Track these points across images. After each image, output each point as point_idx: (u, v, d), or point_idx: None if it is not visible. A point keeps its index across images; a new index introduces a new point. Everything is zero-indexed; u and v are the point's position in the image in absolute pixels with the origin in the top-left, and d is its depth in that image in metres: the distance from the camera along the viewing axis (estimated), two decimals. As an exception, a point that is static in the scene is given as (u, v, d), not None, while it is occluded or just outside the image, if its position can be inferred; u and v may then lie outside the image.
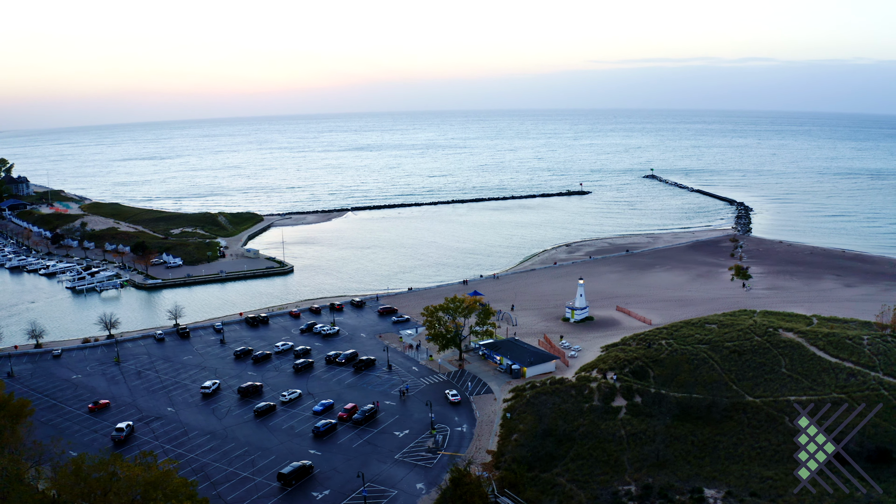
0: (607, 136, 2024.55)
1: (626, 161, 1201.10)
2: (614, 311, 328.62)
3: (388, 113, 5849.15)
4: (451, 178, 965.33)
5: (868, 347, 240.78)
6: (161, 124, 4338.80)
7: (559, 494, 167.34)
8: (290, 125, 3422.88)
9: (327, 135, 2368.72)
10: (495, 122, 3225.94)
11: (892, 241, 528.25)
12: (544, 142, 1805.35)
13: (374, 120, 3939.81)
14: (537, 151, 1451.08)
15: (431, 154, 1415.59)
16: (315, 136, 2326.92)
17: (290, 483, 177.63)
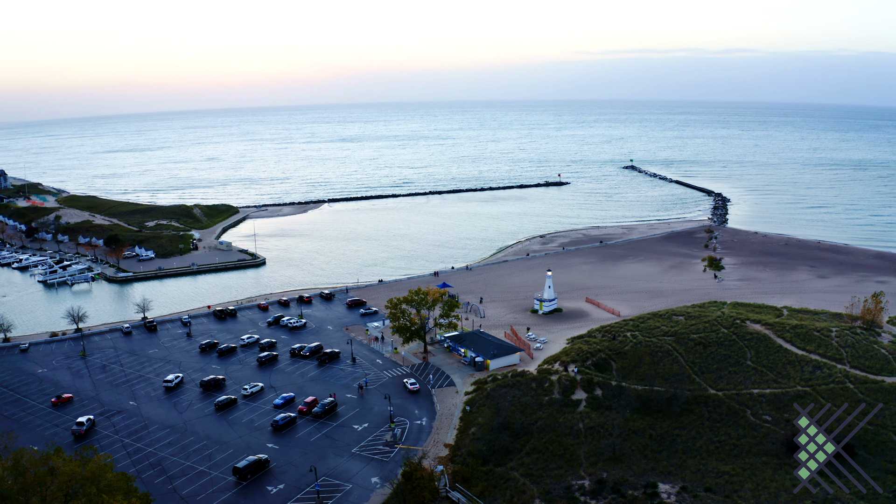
0: (591, 127, 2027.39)
1: (607, 152, 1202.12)
2: (584, 303, 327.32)
3: (374, 104, 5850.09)
4: (430, 169, 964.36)
5: (836, 340, 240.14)
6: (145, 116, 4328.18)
7: (511, 489, 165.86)
8: (275, 116, 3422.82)
9: (310, 126, 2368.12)
10: (480, 113, 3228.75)
11: (870, 232, 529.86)
12: (527, 132, 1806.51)
13: (359, 111, 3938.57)
14: (519, 142, 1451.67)
15: (413, 145, 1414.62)
16: (298, 127, 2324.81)
17: (245, 477, 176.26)
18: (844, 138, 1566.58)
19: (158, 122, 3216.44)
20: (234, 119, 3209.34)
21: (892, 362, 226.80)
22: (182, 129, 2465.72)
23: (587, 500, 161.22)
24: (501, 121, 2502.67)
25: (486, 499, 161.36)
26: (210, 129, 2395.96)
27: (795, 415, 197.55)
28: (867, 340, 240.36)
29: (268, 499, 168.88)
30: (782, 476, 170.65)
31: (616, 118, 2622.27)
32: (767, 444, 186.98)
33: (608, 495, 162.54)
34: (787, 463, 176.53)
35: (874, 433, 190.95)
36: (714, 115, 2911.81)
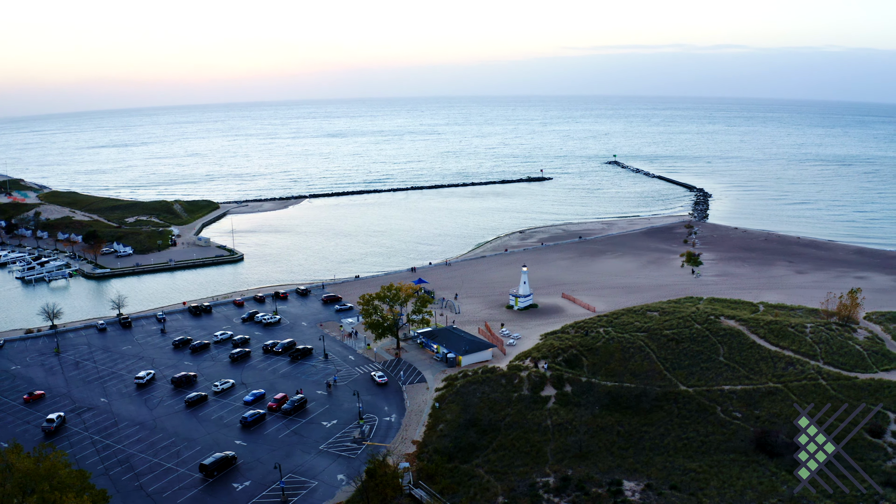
0: (577, 123, 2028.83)
1: (592, 147, 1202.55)
2: (560, 299, 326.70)
3: (361, 99, 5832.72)
4: (414, 164, 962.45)
5: (810, 336, 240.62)
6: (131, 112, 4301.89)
7: (475, 486, 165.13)
8: (261, 112, 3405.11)
9: (298, 121, 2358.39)
10: (466, 109, 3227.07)
11: (852, 228, 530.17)
12: (512, 128, 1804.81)
13: (346, 106, 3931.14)
14: (505, 138, 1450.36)
15: (398, 141, 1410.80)
16: (284, 122, 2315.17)
17: (211, 474, 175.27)
18: (830, 134, 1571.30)
19: (144, 117, 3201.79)
20: (221, 114, 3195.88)
21: (866, 359, 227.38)
22: (168, 124, 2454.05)
23: (551, 498, 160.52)
24: (488, 116, 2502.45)
25: (449, 496, 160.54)
26: (196, 124, 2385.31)
27: (765, 411, 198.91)
28: (842, 337, 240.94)
29: (233, 496, 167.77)
30: (749, 474, 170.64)
31: (603, 114, 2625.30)
32: (736, 441, 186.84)
33: (572, 493, 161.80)
34: (756, 460, 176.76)
35: (846, 431, 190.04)
36: (701, 110, 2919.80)
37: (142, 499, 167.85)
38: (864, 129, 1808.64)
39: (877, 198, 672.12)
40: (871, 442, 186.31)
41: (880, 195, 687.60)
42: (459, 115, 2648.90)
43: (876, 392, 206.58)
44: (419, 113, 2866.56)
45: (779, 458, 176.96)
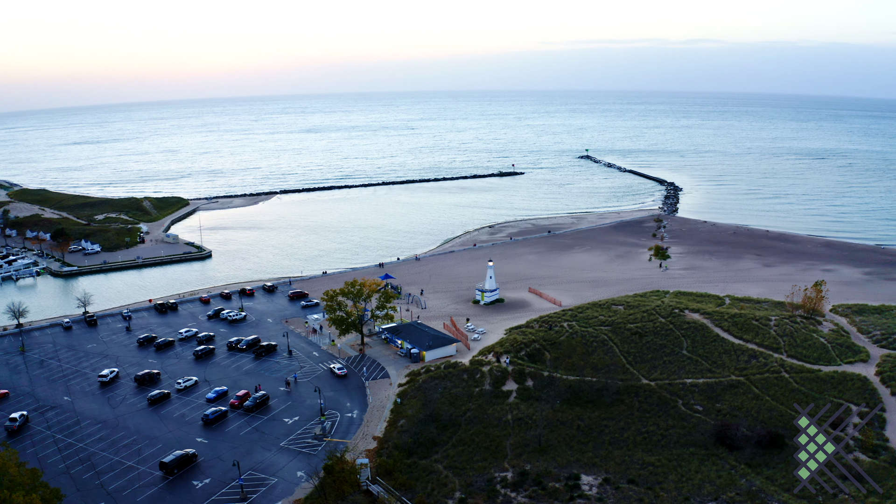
0: (552, 118, 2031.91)
1: (566, 142, 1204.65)
2: (526, 293, 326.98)
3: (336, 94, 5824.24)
4: (387, 160, 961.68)
5: (775, 329, 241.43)
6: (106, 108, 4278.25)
7: (433, 481, 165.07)
8: (237, 107, 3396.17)
9: (272, 117, 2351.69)
10: (442, 104, 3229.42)
11: (823, 222, 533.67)
12: (487, 123, 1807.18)
13: (322, 101, 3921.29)
14: (479, 133, 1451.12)
15: (372, 136, 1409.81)
16: (259, 118, 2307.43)
17: (172, 472, 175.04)
18: (804, 128, 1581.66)
19: (120, 113, 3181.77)
20: (195, 110, 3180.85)
21: (830, 352, 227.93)
22: (142, 120, 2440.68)
23: (507, 493, 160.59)
24: (463, 111, 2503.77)
25: (407, 492, 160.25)
26: (170, 120, 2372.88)
27: (727, 405, 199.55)
28: (807, 329, 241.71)
29: (193, 493, 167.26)
30: (708, 467, 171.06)
31: (577, 108, 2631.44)
32: (697, 434, 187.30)
33: (529, 488, 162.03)
34: (715, 454, 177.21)
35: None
36: (675, 105, 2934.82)
37: (102, 497, 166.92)
38: (837, 122, 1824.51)
39: (848, 191, 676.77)
40: (834, 435, 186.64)
41: (852, 189, 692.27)
42: (435, 110, 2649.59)
43: (839, 385, 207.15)
44: (394, 108, 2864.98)
45: (738, 451, 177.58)
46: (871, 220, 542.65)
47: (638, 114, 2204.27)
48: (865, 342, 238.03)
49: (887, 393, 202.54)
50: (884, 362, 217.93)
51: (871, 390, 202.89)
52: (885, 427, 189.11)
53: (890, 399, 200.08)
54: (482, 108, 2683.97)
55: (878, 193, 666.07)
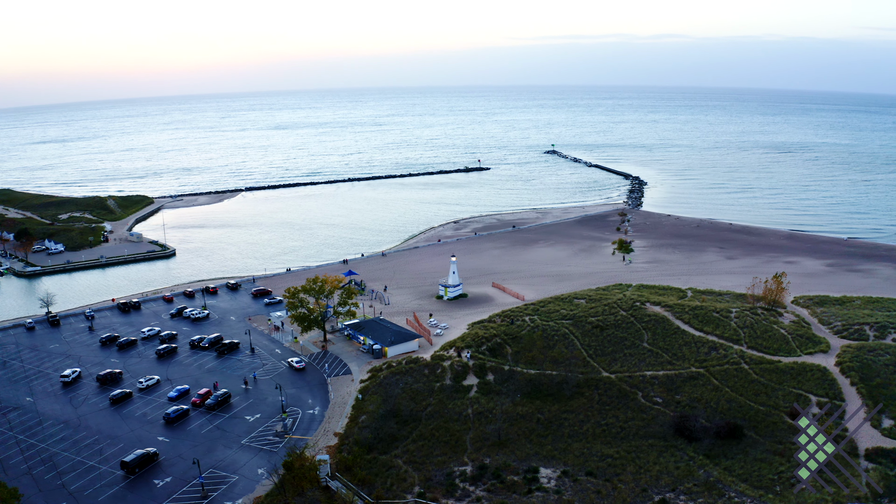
0: (520, 113, 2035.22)
1: (534, 137, 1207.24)
2: (490, 288, 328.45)
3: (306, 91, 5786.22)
4: (354, 157, 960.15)
5: (735, 321, 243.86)
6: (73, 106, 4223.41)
7: (392, 476, 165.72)
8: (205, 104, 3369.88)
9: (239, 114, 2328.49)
10: (411, 99, 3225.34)
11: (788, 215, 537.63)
12: (455, 118, 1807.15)
13: (292, 98, 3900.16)
14: (447, 128, 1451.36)
15: (340, 132, 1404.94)
16: (226, 115, 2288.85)
17: (133, 471, 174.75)
18: (771, 122, 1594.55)
19: (85, 111, 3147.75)
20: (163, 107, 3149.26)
21: (790, 343, 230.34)
22: (108, 118, 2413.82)
23: (466, 487, 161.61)
24: (431, 107, 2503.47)
25: (366, 487, 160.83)
26: (138, 118, 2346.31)
27: (686, 396, 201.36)
28: (767, 321, 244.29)
29: (154, 492, 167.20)
30: (666, 458, 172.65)
31: (546, 103, 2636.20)
32: (656, 426, 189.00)
33: (488, 481, 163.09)
34: (674, 445, 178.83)
35: (765, 413, 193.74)
36: (643, 99, 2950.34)
37: (63, 497, 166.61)
38: (804, 116, 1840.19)
39: (814, 184, 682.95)
40: (792, 425, 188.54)
41: (817, 182, 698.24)
42: (403, 106, 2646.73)
43: (798, 376, 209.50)
44: (362, 104, 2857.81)
45: (697, 442, 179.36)
46: (836, 213, 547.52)
47: (606, 109, 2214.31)
48: (826, 333, 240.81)
49: (847, 383, 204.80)
50: (844, 353, 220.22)
51: (830, 381, 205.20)
52: (843, 417, 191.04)
53: (849, 389, 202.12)
54: (451, 104, 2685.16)
55: (843, 186, 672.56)
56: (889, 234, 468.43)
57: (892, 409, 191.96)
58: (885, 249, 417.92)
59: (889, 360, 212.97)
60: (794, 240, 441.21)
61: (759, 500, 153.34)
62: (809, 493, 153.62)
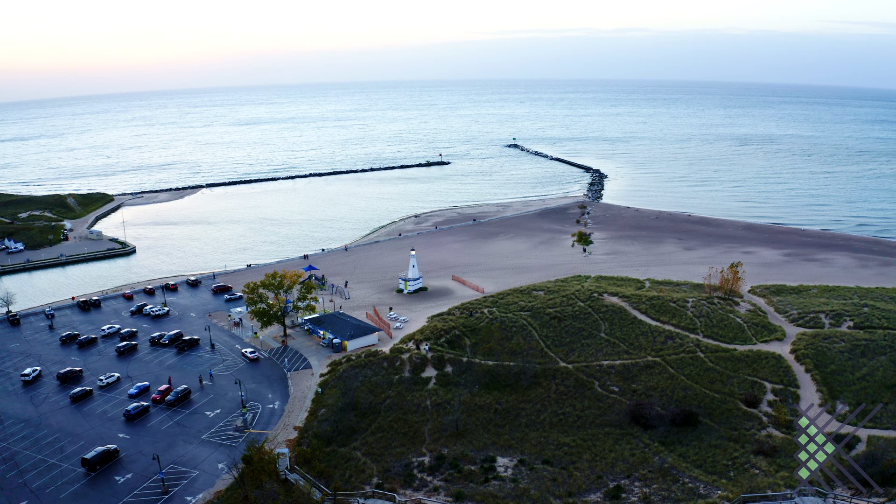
0: (482, 107, 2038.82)
1: (496, 131, 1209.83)
2: (450, 281, 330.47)
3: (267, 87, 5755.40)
4: (316, 152, 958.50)
5: (692, 310, 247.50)
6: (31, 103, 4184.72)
7: (351, 468, 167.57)
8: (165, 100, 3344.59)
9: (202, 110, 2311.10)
10: (374, 94, 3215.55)
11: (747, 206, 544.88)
12: (418, 113, 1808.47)
13: (253, 93, 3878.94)
14: (409, 123, 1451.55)
15: (302, 128, 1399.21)
16: (188, 111, 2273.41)
17: (94, 468, 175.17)
18: (731, 115, 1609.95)
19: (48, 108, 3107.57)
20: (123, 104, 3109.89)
21: (746, 331, 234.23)
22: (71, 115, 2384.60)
23: (424, 477, 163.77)
24: (395, 102, 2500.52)
25: (324, 479, 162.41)
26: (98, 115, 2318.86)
27: (642, 385, 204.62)
28: (723, 310, 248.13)
29: (115, 488, 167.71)
30: (622, 446, 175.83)
31: (508, 97, 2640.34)
32: (612, 414, 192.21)
33: (446, 471, 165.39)
34: (630, 433, 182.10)
35: (720, 401, 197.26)
36: (606, 93, 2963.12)
37: (25, 495, 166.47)
38: (765, 109, 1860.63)
39: (774, 176, 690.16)
40: (747, 412, 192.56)
41: (777, 174, 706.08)
42: (366, 101, 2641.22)
43: (753, 363, 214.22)
44: (324, 99, 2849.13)
45: (652, 430, 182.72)
46: (796, 204, 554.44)
47: (569, 102, 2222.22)
48: (782, 321, 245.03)
49: (801, 370, 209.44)
50: (799, 340, 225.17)
51: (785, 368, 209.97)
52: (798, 403, 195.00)
53: (804, 376, 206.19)
54: (413, 99, 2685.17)
55: (803, 178, 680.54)
56: (851, 224, 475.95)
57: (847, 395, 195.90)
58: (842, 239, 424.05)
59: (844, 347, 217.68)
60: (751, 230, 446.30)
61: (712, 486, 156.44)
62: (762, 479, 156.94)
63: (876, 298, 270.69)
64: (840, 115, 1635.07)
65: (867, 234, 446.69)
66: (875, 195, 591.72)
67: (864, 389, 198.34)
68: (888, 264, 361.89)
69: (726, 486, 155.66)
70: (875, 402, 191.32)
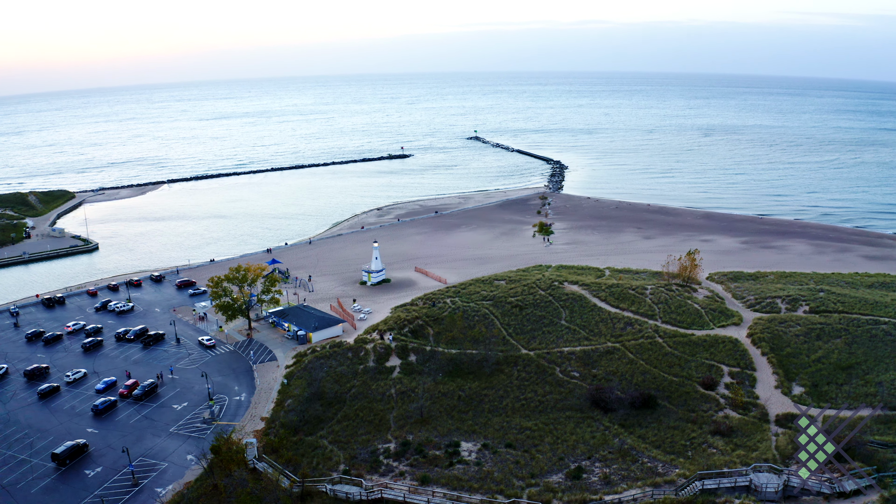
0: (444, 100, 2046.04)
1: (458, 124, 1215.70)
2: (413, 273, 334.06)
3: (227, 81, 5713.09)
4: (278, 146, 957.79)
5: (650, 297, 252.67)
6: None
7: (318, 456, 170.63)
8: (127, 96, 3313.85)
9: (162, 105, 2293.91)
10: (337, 88, 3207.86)
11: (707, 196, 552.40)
12: (380, 106, 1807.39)
13: (213, 89, 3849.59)
14: (372, 117, 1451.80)
15: (264, 123, 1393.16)
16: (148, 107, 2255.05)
17: (64, 463, 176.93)
18: (693, 105, 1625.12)
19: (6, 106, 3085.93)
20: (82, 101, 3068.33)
21: (703, 316, 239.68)
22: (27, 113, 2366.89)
23: (390, 462, 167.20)
24: (356, 95, 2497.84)
25: (293, 467, 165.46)
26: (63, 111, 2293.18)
27: (602, 370, 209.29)
28: (681, 297, 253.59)
29: (86, 482, 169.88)
30: (583, 429, 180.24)
31: (471, 90, 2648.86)
32: (573, 399, 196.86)
33: (411, 456, 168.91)
34: (590, 416, 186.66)
35: (679, 384, 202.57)
36: (568, 85, 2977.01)
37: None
38: (727, 99, 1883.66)
39: (735, 166, 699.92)
40: (704, 394, 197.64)
41: (738, 164, 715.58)
42: (329, 94, 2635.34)
43: (711, 347, 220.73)
44: (286, 94, 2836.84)
45: (612, 413, 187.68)
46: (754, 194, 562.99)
47: (531, 95, 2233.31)
48: (739, 307, 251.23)
49: (758, 353, 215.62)
50: (755, 325, 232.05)
51: (741, 351, 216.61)
52: (755, 385, 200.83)
53: (760, 359, 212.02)
54: (375, 92, 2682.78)
55: (762, 167, 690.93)
56: (814, 214, 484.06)
57: (803, 377, 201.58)
58: (799, 226, 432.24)
59: (800, 331, 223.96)
60: (710, 219, 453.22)
61: (670, 465, 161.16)
62: (719, 457, 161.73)
63: (832, 283, 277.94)
64: (800, 105, 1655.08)
65: (825, 223, 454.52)
66: (835, 185, 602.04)
67: (820, 371, 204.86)
68: (844, 250, 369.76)
69: (684, 464, 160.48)
70: (830, 383, 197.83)
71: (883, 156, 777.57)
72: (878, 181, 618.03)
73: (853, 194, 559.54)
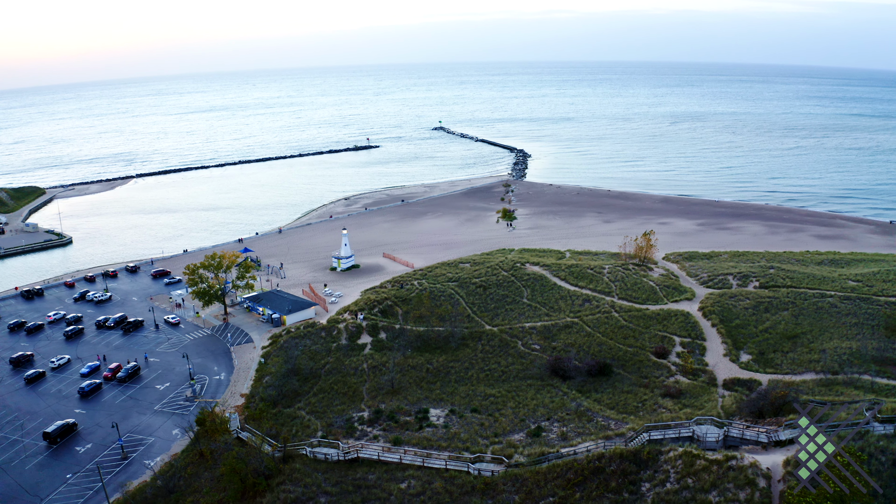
0: (410, 91, 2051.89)
1: (424, 114, 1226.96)
2: (381, 258, 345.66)
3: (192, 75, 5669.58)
4: (246, 139, 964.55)
5: (608, 276, 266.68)
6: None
7: (297, 425, 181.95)
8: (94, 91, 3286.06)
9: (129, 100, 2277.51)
10: (301, 81, 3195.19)
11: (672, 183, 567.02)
12: (346, 99, 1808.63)
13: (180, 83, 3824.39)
14: (338, 109, 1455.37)
15: (231, 116, 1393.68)
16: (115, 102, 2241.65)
17: (55, 441, 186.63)
18: (657, 94, 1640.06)
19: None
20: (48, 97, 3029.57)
21: (658, 293, 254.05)
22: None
23: (364, 428, 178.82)
24: (321, 87, 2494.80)
25: (273, 435, 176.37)
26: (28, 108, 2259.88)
27: (561, 343, 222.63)
28: (637, 275, 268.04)
29: (77, 458, 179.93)
30: (543, 395, 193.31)
31: (437, 81, 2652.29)
32: (534, 369, 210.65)
33: (384, 423, 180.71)
34: (550, 384, 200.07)
35: (633, 353, 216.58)
36: (532, 75, 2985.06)
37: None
38: (690, 88, 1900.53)
39: (698, 153, 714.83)
40: (657, 362, 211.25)
41: (702, 151, 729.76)
42: (292, 87, 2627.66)
43: (664, 320, 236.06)
44: (252, 87, 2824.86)
45: (570, 380, 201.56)
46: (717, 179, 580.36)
47: (497, 85, 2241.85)
48: (693, 284, 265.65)
49: (708, 325, 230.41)
50: (707, 299, 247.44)
51: (693, 323, 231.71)
52: (704, 354, 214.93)
53: (710, 330, 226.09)
54: (341, 84, 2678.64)
55: (724, 153, 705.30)
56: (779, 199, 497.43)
57: (750, 346, 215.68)
58: (753, 209, 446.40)
59: (749, 304, 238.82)
60: (668, 203, 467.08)
61: (622, 422, 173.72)
62: (667, 415, 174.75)
63: (783, 261, 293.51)
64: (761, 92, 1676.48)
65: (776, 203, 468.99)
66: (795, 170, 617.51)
67: (767, 340, 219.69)
68: (797, 230, 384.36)
69: (634, 421, 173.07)
70: (776, 351, 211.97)
71: (844, 140, 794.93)
72: (836, 165, 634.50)
73: (814, 179, 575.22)
